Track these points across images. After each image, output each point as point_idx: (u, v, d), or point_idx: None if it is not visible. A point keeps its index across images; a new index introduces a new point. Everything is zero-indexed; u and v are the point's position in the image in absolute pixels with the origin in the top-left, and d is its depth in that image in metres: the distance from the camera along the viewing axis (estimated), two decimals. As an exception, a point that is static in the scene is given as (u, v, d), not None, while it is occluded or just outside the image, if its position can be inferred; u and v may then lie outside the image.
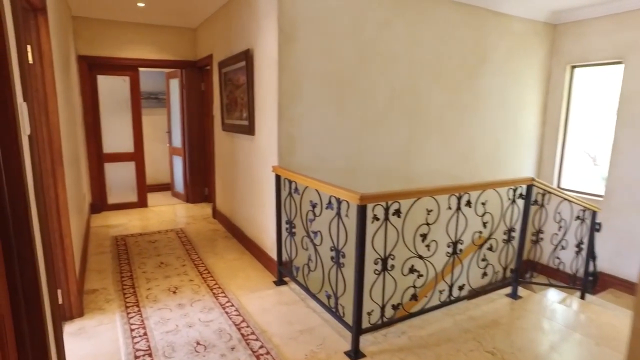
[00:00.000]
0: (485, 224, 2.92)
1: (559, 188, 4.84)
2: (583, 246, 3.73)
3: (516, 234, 3.11)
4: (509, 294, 3.22)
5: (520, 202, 3.06)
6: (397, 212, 2.38)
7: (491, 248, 3.05)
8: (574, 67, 4.88)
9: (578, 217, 3.56)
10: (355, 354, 2.35)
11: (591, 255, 3.91)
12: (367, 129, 3.70)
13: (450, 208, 2.69)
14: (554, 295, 3.52)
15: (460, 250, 2.84)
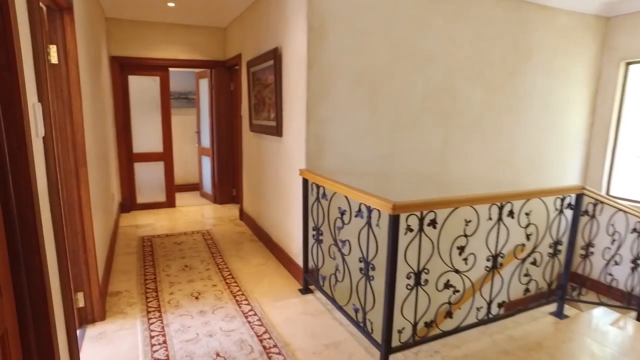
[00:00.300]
0: (529, 236, 2.67)
1: (609, 195, 4.45)
2: (640, 262, 3.38)
3: (563, 248, 2.84)
4: (554, 312, 2.94)
5: (568, 213, 2.79)
6: (433, 223, 2.18)
7: (535, 262, 2.79)
8: (629, 64, 4.47)
9: (635, 230, 3.22)
10: (384, 375, 2.17)
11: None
12: (400, 131, 3.51)
13: (490, 218, 2.46)
14: (605, 316, 3.21)
15: (501, 264, 2.61)
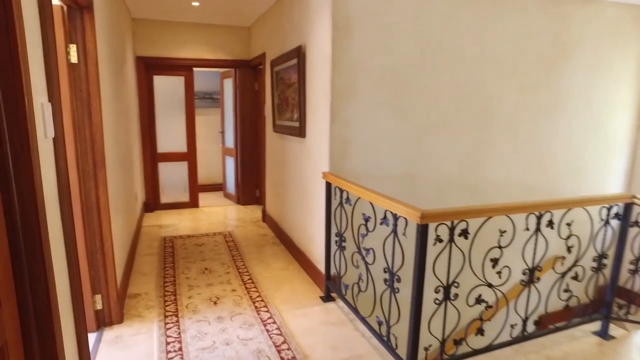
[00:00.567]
0: (570, 249, 2.45)
1: (656, 203, 4.12)
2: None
3: (609, 261, 2.61)
4: (597, 332, 2.71)
5: (615, 223, 2.56)
6: (464, 233, 2.02)
7: (576, 277, 2.56)
8: (680, 61, 4.13)
9: (690, 243, 2.93)
10: (409, 396, 2.02)
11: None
12: (428, 133, 3.32)
13: (527, 229, 2.27)
14: (655, 337, 2.93)
15: (538, 278, 2.41)
